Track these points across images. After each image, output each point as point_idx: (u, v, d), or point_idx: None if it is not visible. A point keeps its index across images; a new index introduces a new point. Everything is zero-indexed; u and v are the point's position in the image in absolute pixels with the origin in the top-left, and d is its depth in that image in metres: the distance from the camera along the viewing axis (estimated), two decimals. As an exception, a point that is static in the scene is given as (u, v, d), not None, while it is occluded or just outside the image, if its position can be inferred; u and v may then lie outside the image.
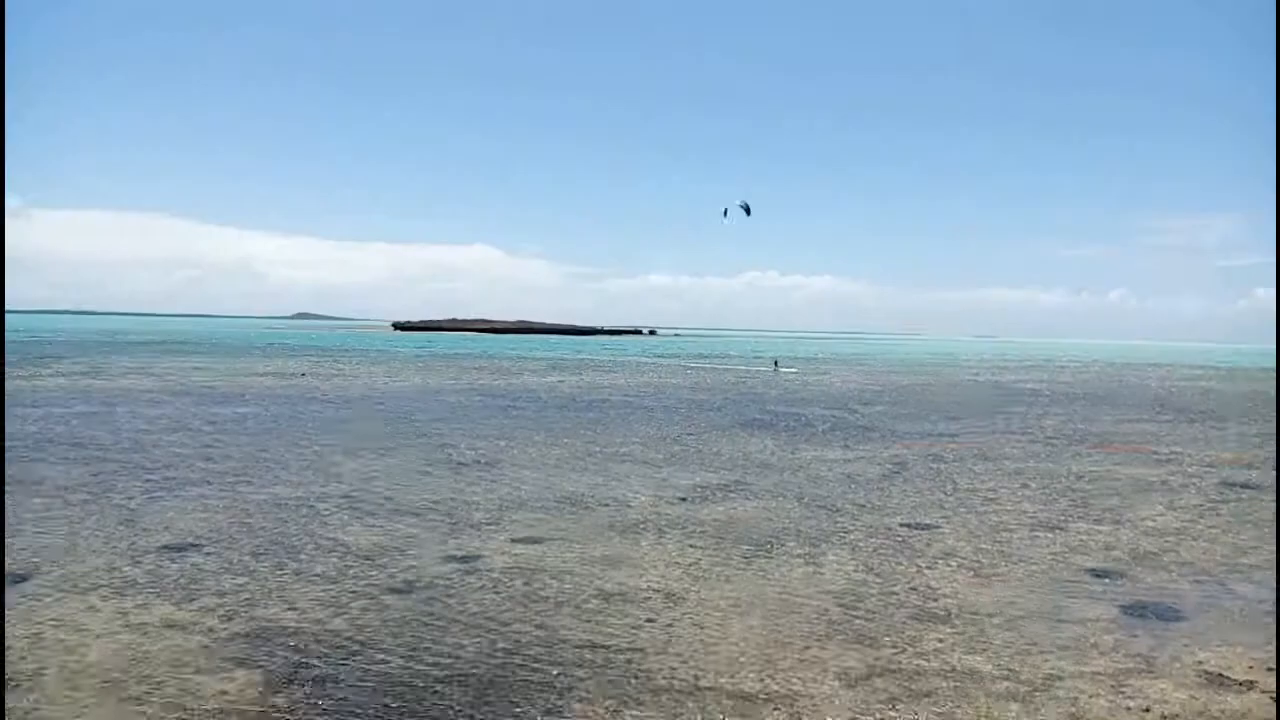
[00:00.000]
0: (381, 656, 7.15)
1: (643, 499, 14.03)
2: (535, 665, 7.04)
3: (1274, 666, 7.32)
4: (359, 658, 7.12)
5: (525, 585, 9.23)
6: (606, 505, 13.49)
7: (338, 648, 7.33)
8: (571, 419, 25.67)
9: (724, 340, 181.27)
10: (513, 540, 11.17)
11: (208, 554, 10.18)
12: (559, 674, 6.86)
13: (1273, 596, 9.47)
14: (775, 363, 68.02)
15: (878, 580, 9.71)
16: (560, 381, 42.72)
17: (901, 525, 12.55)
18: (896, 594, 9.22)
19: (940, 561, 10.59)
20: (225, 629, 7.75)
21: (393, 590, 8.97)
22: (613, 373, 52.08)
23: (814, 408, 31.39)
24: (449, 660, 7.10)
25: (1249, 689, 6.80)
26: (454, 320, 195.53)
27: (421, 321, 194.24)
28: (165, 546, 10.43)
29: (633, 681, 6.74)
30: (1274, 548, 11.67)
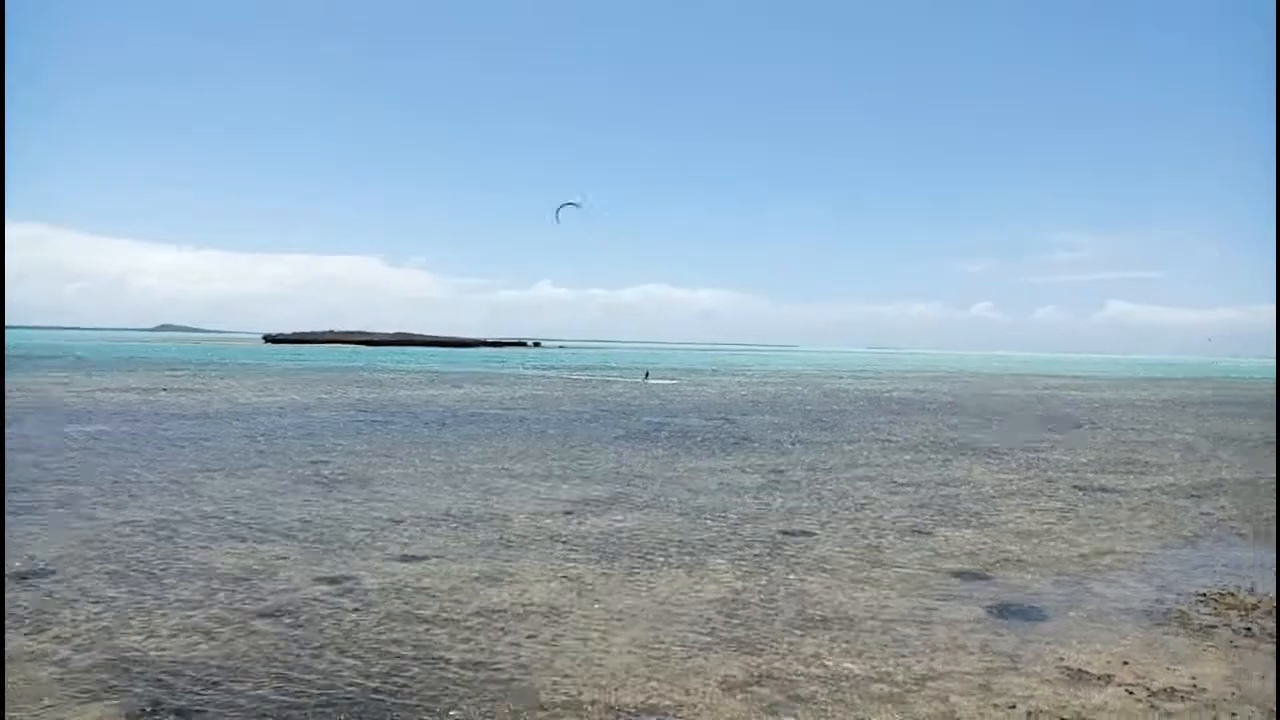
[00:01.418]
0: (251, 684, 6.83)
1: (524, 514, 13.87)
2: (415, 687, 6.84)
3: (1129, 661, 7.74)
4: (226, 686, 6.77)
5: (403, 605, 8.98)
6: (487, 521, 13.28)
7: (203, 676, 6.96)
8: (450, 433, 25.23)
9: (610, 352, 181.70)
10: (390, 559, 10.87)
11: (61, 581, 9.53)
12: (439, 695, 6.68)
13: (1126, 594, 10.04)
14: (646, 374, 68.33)
15: (757, 588, 9.86)
16: (439, 395, 41.95)
17: (780, 533, 12.78)
18: (775, 601, 9.37)
19: (817, 568, 10.83)
20: (81, 659, 7.26)
21: (262, 615, 8.59)
22: (494, 386, 51.46)
23: (695, 418, 31.76)
24: (324, 685, 6.83)
25: (1107, 683, 7.16)
26: (330, 332, 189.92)
27: (295, 334, 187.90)
28: (15, 574, 9.71)
29: (515, 699, 6.63)
30: (1133, 548, 12.38)
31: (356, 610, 8.77)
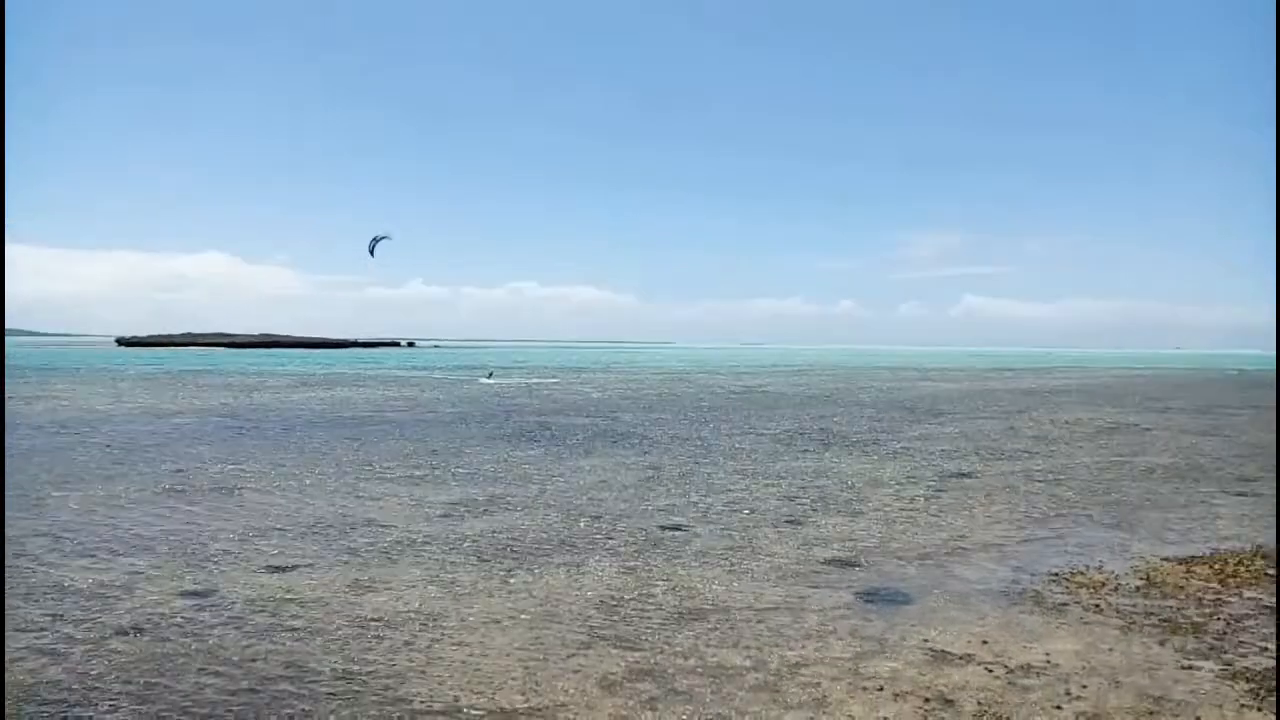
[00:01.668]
0: (107, 706, 6.46)
1: (399, 518, 13.58)
2: (284, 700, 6.61)
3: (988, 641, 8.14)
4: (80, 709, 6.38)
5: (271, 617, 8.66)
6: (359, 527, 12.94)
7: (54, 700, 6.53)
8: (320, 438, 24.47)
9: (485, 351, 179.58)
10: (256, 570, 10.46)
11: (-117, 609, 8.80)
12: (310, 709, 6.47)
13: (985, 576, 10.56)
14: (490, 373, 67.63)
15: (637, 584, 9.93)
16: (308, 398, 40.64)
17: (658, 529, 12.91)
18: (655, 596, 9.46)
19: (695, 561, 10.99)
20: (-94, 695, 6.72)
21: (119, 633, 8.14)
22: (366, 387, 50.17)
23: (573, 417, 31.74)
24: (187, 703, 6.52)
25: (968, 662, 7.51)
26: (189, 335, 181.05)
27: (151, 336, 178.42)
28: None
29: (389, 708, 6.48)
30: (991, 532, 13.02)
31: (221, 625, 8.41)
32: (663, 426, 28.44)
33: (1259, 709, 6.51)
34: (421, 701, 6.62)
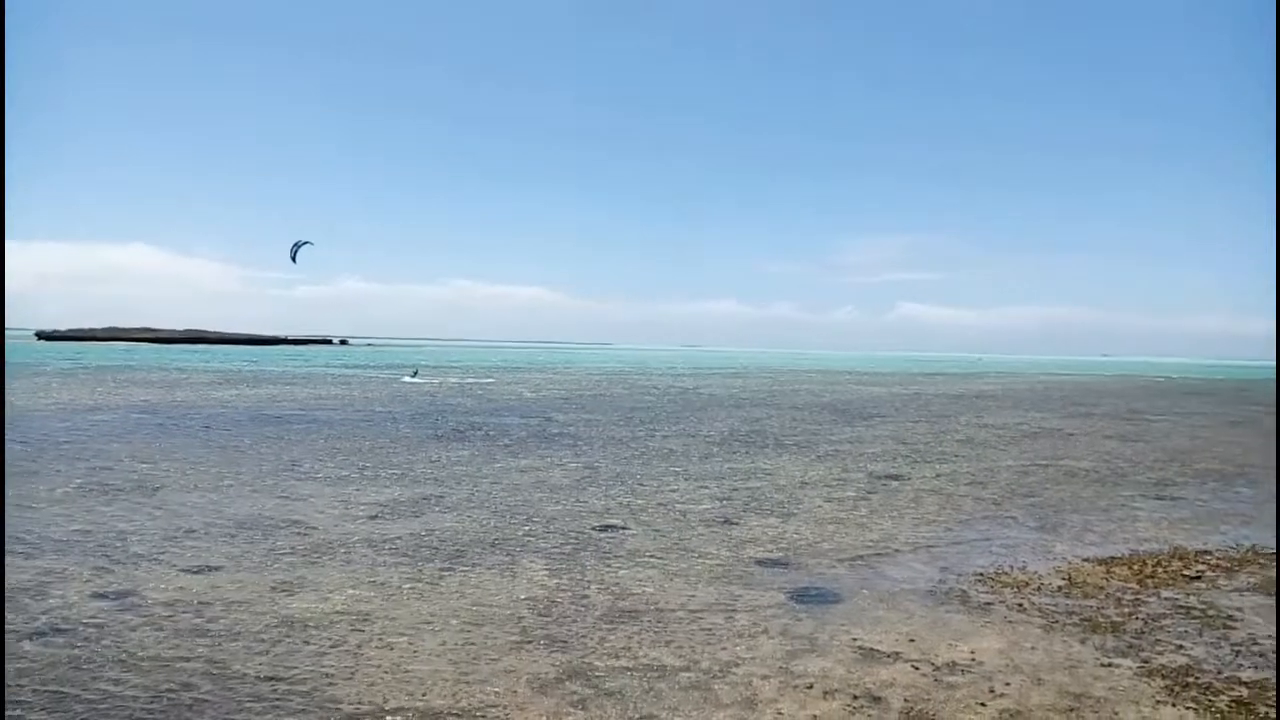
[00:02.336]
0: (18, 713, 6.21)
1: (328, 519, 13.34)
2: (207, 704, 6.43)
3: (915, 639, 8.27)
4: (-18, 719, 6.13)
5: (194, 619, 8.43)
6: (286, 527, 12.68)
7: (-46, 710, 6.26)
8: (248, 436, 23.92)
9: (421, 350, 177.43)
10: (179, 571, 10.17)
11: None
12: (234, 712, 6.31)
13: (913, 575, 10.73)
14: (415, 371, 66.90)
15: (570, 585, 9.89)
16: (236, 395, 39.69)
17: (593, 529, 12.88)
18: (588, 596, 9.43)
19: (628, 562, 10.99)
20: None
21: (32, 635, 7.84)
22: (296, 385, 49.20)
23: (509, 417, 31.53)
24: (105, 707, 6.31)
25: (895, 660, 7.63)
26: (112, 329, 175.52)
27: (72, 330, 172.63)
28: None
29: (316, 711, 6.35)
30: (919, 533, 13.24)
31: (141, 627, 8.16)
32: (598, 427, 28.40)
33: (1173, 704, 6.72)
34: (350, 704, 6.50)
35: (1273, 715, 6.19)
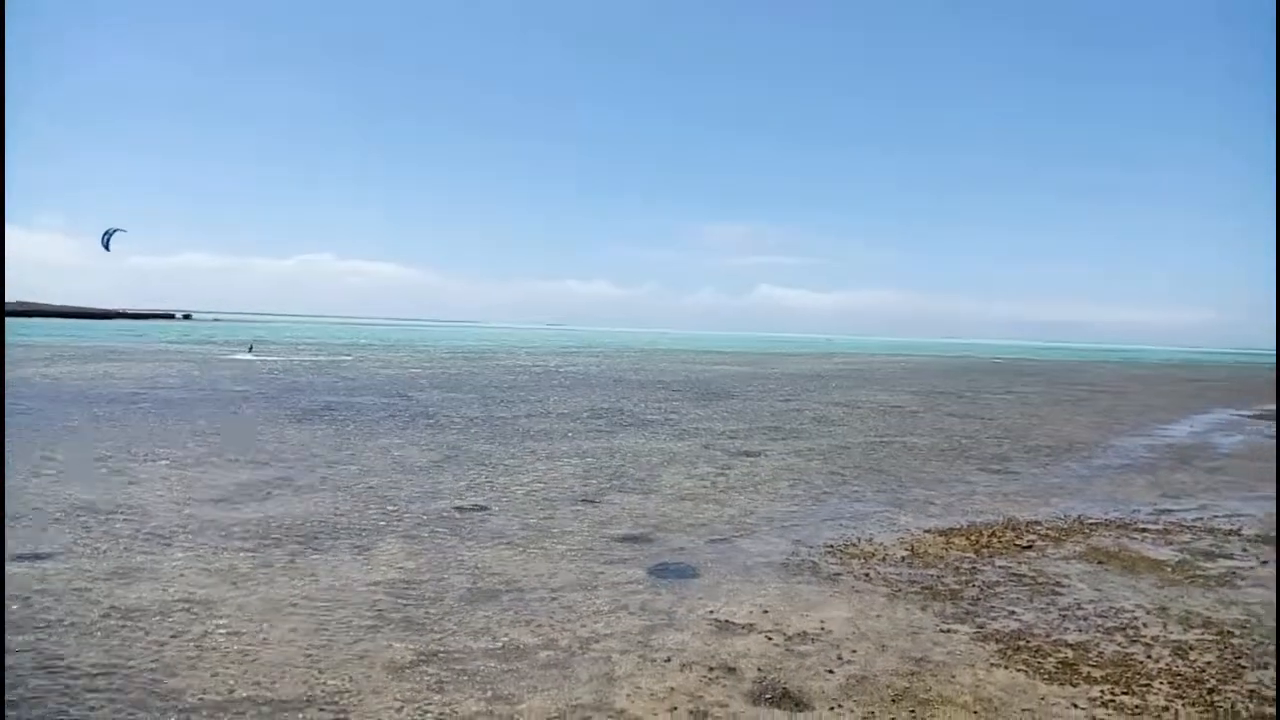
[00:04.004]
0: None
1: (169, 503, 12.67)
2: (38, 698, 6.01)
3: (769, 610, 8.53)
4: None
5: (21, 609, 7.86)
6: (124, 512, 11.97)
7: None
8: (80, 416, 22.41)
9: (271, 327, 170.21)
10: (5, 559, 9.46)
11: None
12: (67, 706, 5.93)
13: (768, 549, 11.05)
14: (250, 347, 64.99)
15: (429, 566, 9.73)
16: (67, 372, 37.07)
17: (454, 509, 12.71)
18: (446, 578, 9.30)
19: (490, 542, 10.90)
20: None
21: None
22: (135, 362, 46.40)
23: (368, 396, 30.67)
24: (-93, 714, 5.81)
25: (750, 631, 7.86)
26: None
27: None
28: None
29: (157, 703, 6.04)
30: (774, 507, 13.63)
31: (-45, 623, 7.56)
32: (459, 407, 27.99)
33: (1005, 667, 7.17)
34: (193, 694, 6.21)
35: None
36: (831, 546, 11.19)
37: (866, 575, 9.85)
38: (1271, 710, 6.42)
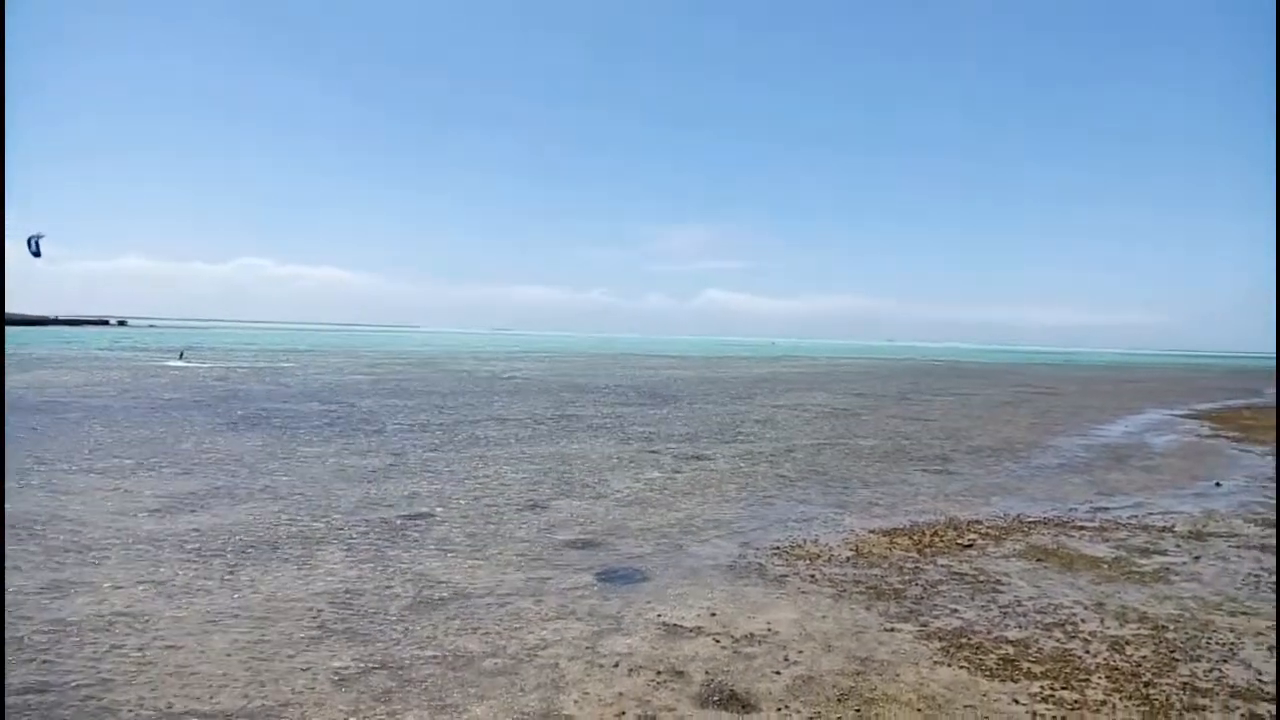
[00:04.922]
0: None
1: (104, 514, 12.33)
2: (-46, 725, 5.80)
3: (716, 613, 8.57)
4: None
5: (-59, 630, 7.59)
6: (56, 523, 11.62)
7: None
8: (8, 425, 21.71)
9: (207, 333, 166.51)
10: (-76, 577, 9.13)
11: None
12: (-12, 731, 5.73)
13: (715, 552, 11.10)
14: (181, 353, 63.89)
15: (373, 575, 9.60)
16: (-4, 382, 35.87)
17: (399, 518, 12.55)
18: (392, 587, 9.18)
19: (435, 550, 10.78)
20: None
21: None
22: (66, 370, 45.06)
23: (309, 403, 30.16)
24: None
25: (698, 634, 7.88)
26: None
27: None
28: None
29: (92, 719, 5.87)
30: (721, 510, 13.69)
31: (-126, 642, 7.27)
32: (403, 413, 27.66)
33: (949, 665, 7.29)
34: (130, 710, 6.05)
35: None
36: (778, 548, 11.28)
37: (812, 576, 9.95)
38: (1271, 709, 6.58)
